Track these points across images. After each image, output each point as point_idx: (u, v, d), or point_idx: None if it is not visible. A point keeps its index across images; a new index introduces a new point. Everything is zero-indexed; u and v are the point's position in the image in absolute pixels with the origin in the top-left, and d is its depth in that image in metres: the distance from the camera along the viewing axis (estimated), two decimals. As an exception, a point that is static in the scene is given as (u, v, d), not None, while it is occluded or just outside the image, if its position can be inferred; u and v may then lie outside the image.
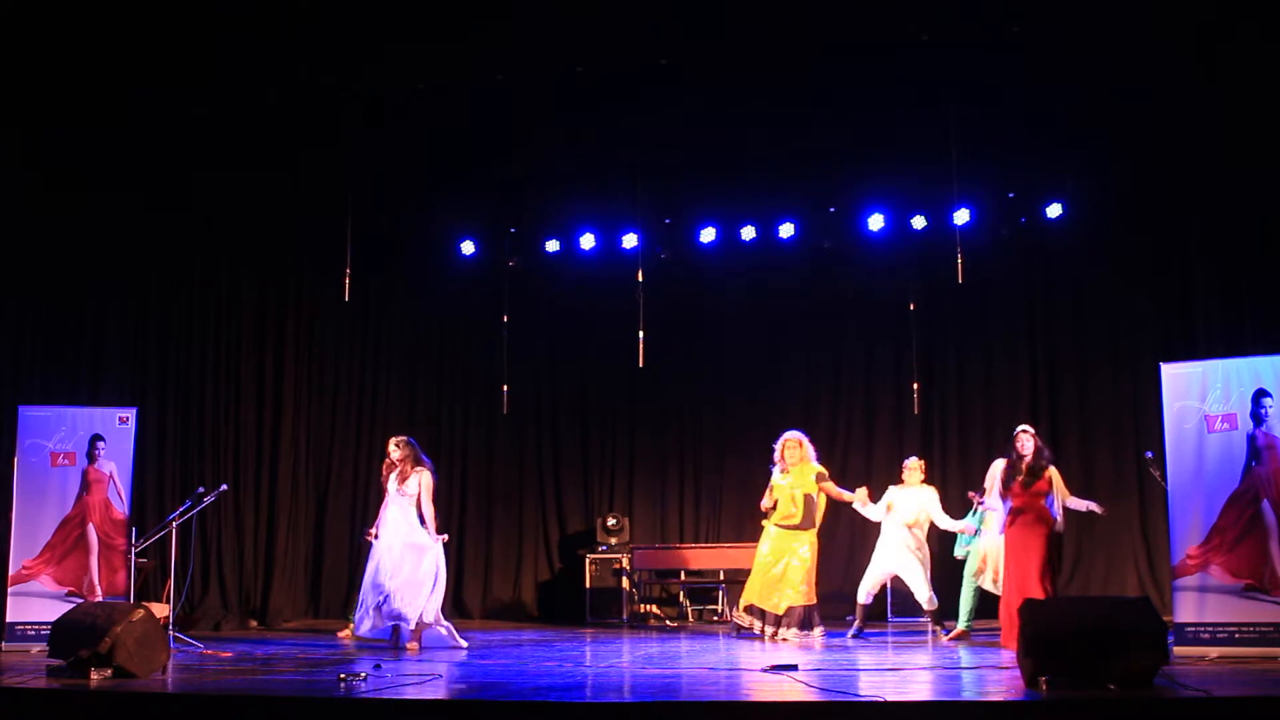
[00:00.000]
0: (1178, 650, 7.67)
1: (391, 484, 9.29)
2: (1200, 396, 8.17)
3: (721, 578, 11.92)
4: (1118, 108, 10.38)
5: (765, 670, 7.21)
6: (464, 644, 9.20)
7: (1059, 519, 8.81)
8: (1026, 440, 8.88)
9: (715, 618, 11.94)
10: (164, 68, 9.94)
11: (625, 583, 11.90)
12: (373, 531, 9.37)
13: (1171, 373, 8.34)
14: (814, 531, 9.63)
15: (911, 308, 12.18)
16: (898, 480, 10.09)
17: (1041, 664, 6.14)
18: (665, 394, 12.81)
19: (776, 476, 9.75)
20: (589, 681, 6.96)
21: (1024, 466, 8.81)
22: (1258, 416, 8.01)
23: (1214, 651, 7.76)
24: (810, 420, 12.47)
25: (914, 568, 9.78)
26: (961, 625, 9.67)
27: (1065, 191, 11.40)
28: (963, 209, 11.21)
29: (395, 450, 9.35)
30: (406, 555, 9.12)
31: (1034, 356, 12.12)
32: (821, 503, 9.69)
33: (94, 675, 6.82)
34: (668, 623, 11.83)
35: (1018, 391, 12.10)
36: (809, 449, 9.76)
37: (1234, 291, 11.04)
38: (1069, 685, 6.00)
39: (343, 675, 6.78)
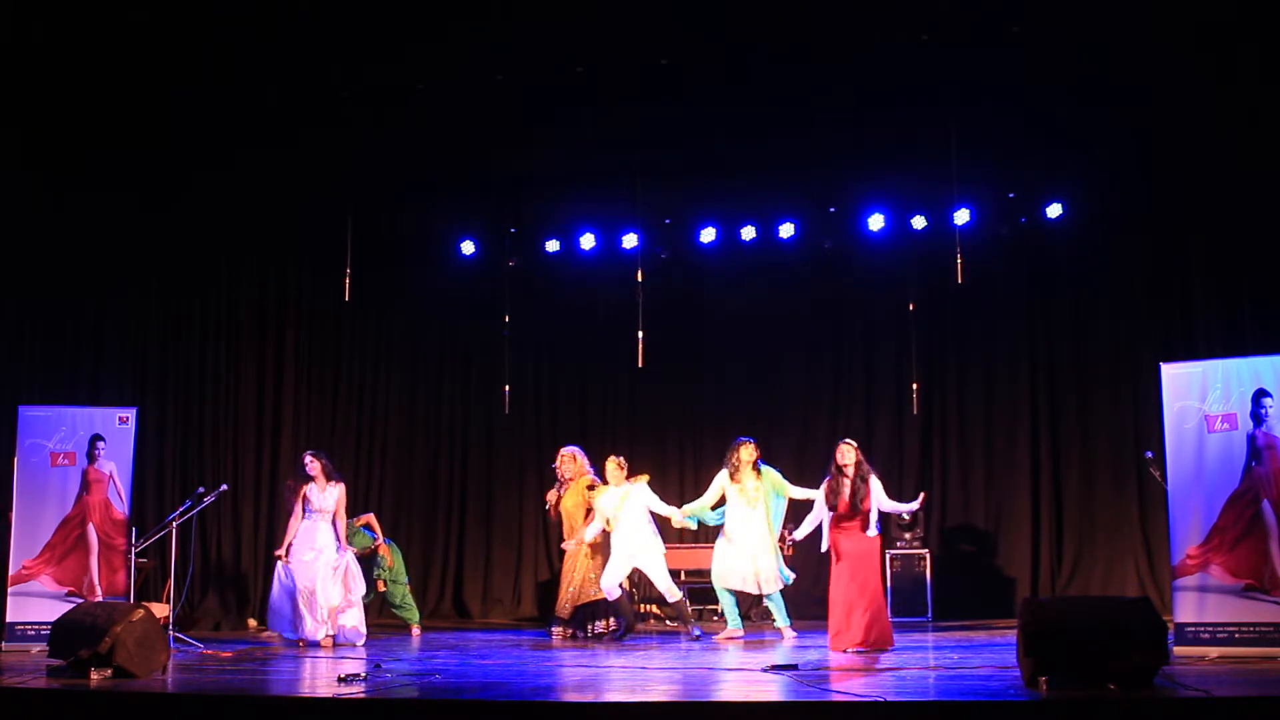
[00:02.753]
0: (1178, 650, 7.67)
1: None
2: (1200, 396, 8.17)
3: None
4: (1118, 108, 10.38)
5: (765, 670, 7.21)
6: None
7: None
8: (848, 451, 9.11)
9: (715, 618, 11.93)
10: (164, 67, 9.94)
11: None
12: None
13: (1171, 373, 8.33)
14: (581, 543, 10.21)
15: (911, 308, 12.17)
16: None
17: (1041, 664, 6.13)
18: (665, 394, 12.80)
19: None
20: (589, 681, 6.96)
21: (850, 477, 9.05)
22: (1258, 416, 8.00)
23: (1214, 651, 7.76)
24: (810, 420, 12.50)
25: (653, 563, 10.16)
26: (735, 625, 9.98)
27: (1065, 191, 11.41)
28: (963, 209, 11.21)
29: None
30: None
31: (1034, 357, 12.11)
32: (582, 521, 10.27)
33: (94, 675, 6.83)
34: (668, 623, 11.82)
35: (1017, 392, 12.10)
36: (584, 462, 10.42)
37: (1234, 291, 11.04)
38: (1069, 685, 6.00)
39: (343, 675, 6.78)
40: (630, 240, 11.95)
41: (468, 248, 12.50)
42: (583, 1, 9.22)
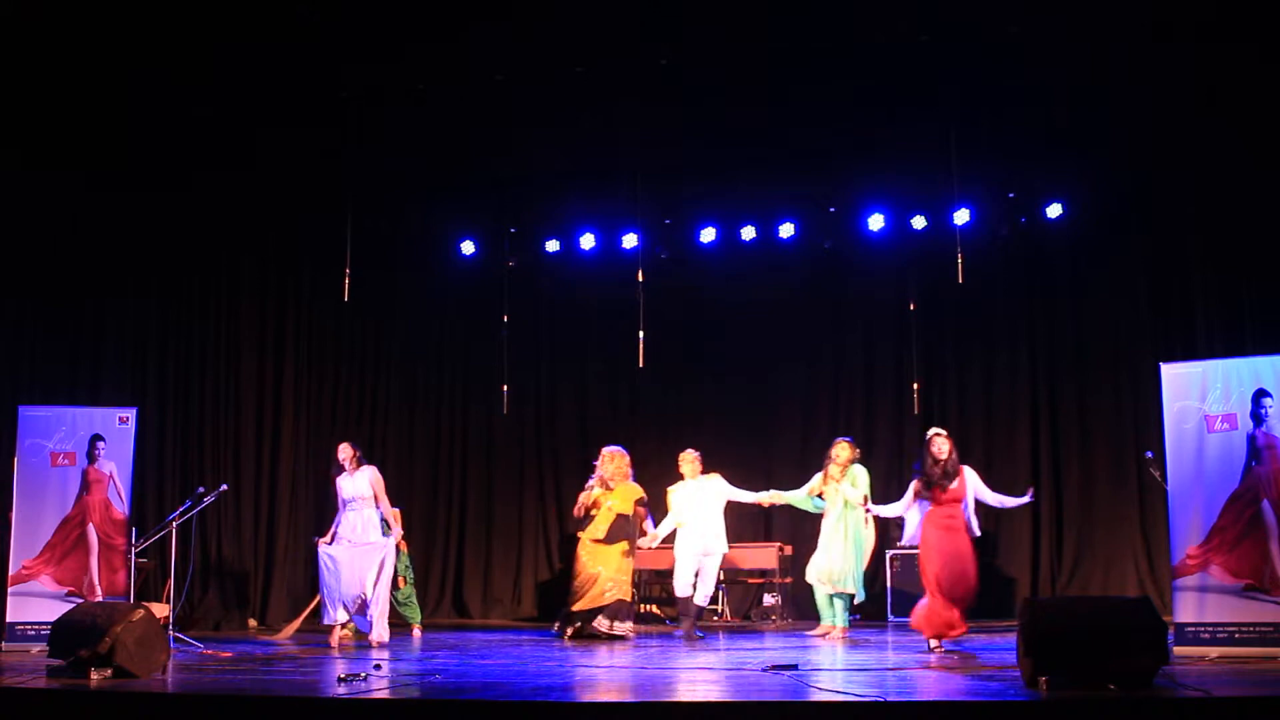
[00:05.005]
0: (1178, 650, 7.66)
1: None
2: (1200, 396, 8.17)
3: (721, 578, 11.91)
4: (1118, 108, 10.38)
5: (765, 670, 7.21)
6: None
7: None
8: (942, 444, 8.72)
9: (715, 618, 11.94)
10: (165, 68, 9.95)
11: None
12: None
13: (1171, 373, 8.33)
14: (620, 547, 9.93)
15: (911, 308, 12.18)
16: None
17: (1041, 664, 6.13)
18: (665, 394, 12.81)
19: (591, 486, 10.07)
20: (589, 681, 6.96)
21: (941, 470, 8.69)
22: (1258, 416, 8.00)
23: (1214, 651, 7.76)
24: (810, 420, 12.49)
25: (716, 562, 10.09)
26: (832, 622, 9.90)
27: (1065, 191, 11.41)
28: (963, 209, 11.21)
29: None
30: None
31: (1034, 356, 12.12)
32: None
33: (94, 675, 6.82)
34: (668, 623, 11.82)
35: (1017, 391, 12.10)
36: (625, 464, 10.11)
37: (1234, 291, 11.04)
38: (1069, 685, 6.00)
39: (343, 675, 6.78)
40: (630, 240, 11.95)
41: (468, 248, 12.51)
42: (583, 1, 9.22)
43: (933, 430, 8.81)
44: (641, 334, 11.45)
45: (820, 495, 9.96)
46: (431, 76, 10.22)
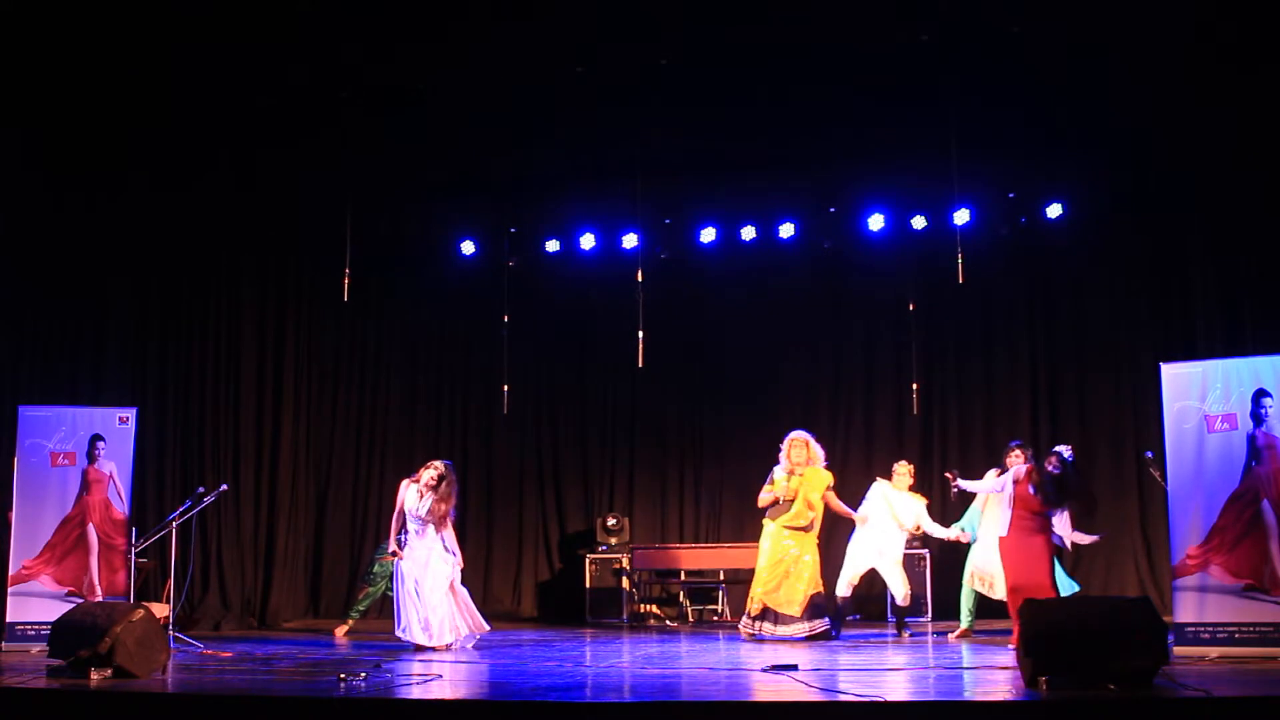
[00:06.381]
0: (1178, 650, 7.67)
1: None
2: (1200, 396, 8.17)
3: (721, 578, 11.93)
4: (1118, 107, 10.38)
5: (765, 670, 7.21)
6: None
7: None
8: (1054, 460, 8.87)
9: (715, 617, 11.94)
10: (165, 68, 9.94)
11: (625, 583, 11.91)
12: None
13: (1171, 373, 8.34)
14: (815, 534, 9.67)
15: (911, 308, 12.18)
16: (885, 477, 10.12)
17: (1041, 664, 6.14)
18: (665, 394, 12.81)
19: (781, 475, 9.70)
20: (589, 681, 6.96)
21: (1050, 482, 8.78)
22: (1258, 416, 8.00)
23: (1214, 651, 7.76)
24: (810, 420, 12.43)
25: (893, 564, 9.85)
26: (964, 624, 9.69)
27: (1065, 191, 11.40)
28: (963, 209, 11.21)
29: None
30: None
31: (1034, 356, 12.12)
32: (820, 509, 9.69)
33: (94, 675, 6.82)
34: (668, 623, 11.82)
35: (1018, 392, 12.10)
36: (817, 449, 9.75)
37: (1234, 291, 11.05)
38: (1069, 685, 6.00)
39: (343, 675, 6.78)
40: (630, 240, 11.95)
41: (468, 248, 12.50)
42: (583, 2, 9.22)
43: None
44: (641, 334, 11.44)
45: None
46: (431, 76, 10.22)
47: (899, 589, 9.86)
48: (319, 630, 11.18)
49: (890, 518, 9.86)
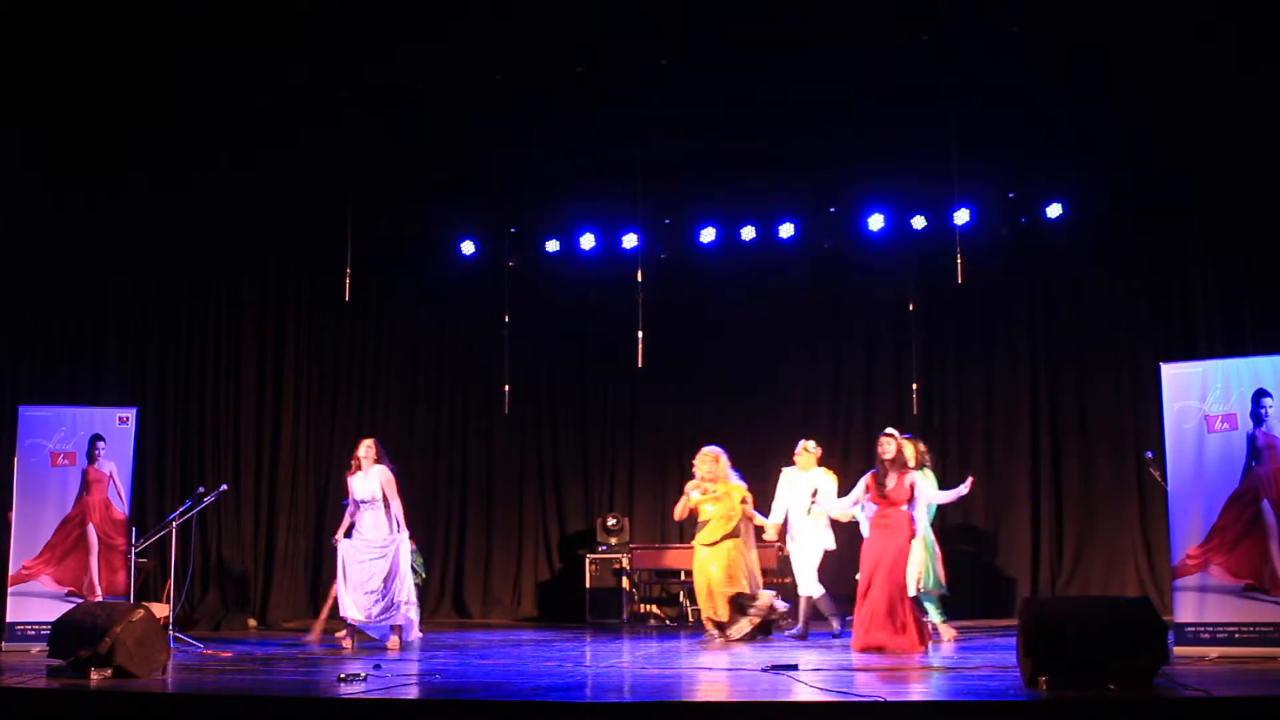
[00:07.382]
0: (1178, 650, 7.67)
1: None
2: (1200, 396, 8.17)
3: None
4: (1118, 107, 10.38)
5: (765, 670, 7.21)
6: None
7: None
8: (888, 444, 8.77)
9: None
10: (164, 68, 9.95)
11: (625, 583, 11.91)
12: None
13: (1171, 373, 8.33)
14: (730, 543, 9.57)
15: (911, 308, 12.17)
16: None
17: (1041, 664, 6.13)
18: (665, 394, 12.80)
19: (695, 493, 9.69)
20: (589, 681, 6.96)
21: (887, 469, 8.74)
22: (1258, 416, 8.00)
23: (1214, 651, 7.76)
24: (810, 420, 12.47)
25: (800, 551, 9.77)
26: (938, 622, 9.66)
27: (1065, 191, 11.40)
28: (963, 209, 11.20)
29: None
30: None
31: (1034, 356, 12.10)
32: (737, 517, 9.64)
33: (94, 675, 6.82)
34: (668, 623, 11.82)
35: (1017, 392, 12.09)
36: (726, 463, 9.75)
37: (1234, 291, 11.04)
38: (1069, 685, 6.00)
39: (343, 675, 6.78)
40: (630, 240, 11.95)
41: (468, 248, 12.50)
42: (584, 2, 9.22)
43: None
44: (641, 334, 11.44)
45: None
46: (431, 76, 10.22)
47: (801, 581, 9.69)
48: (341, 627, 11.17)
49: (792, 503, 9.79)
